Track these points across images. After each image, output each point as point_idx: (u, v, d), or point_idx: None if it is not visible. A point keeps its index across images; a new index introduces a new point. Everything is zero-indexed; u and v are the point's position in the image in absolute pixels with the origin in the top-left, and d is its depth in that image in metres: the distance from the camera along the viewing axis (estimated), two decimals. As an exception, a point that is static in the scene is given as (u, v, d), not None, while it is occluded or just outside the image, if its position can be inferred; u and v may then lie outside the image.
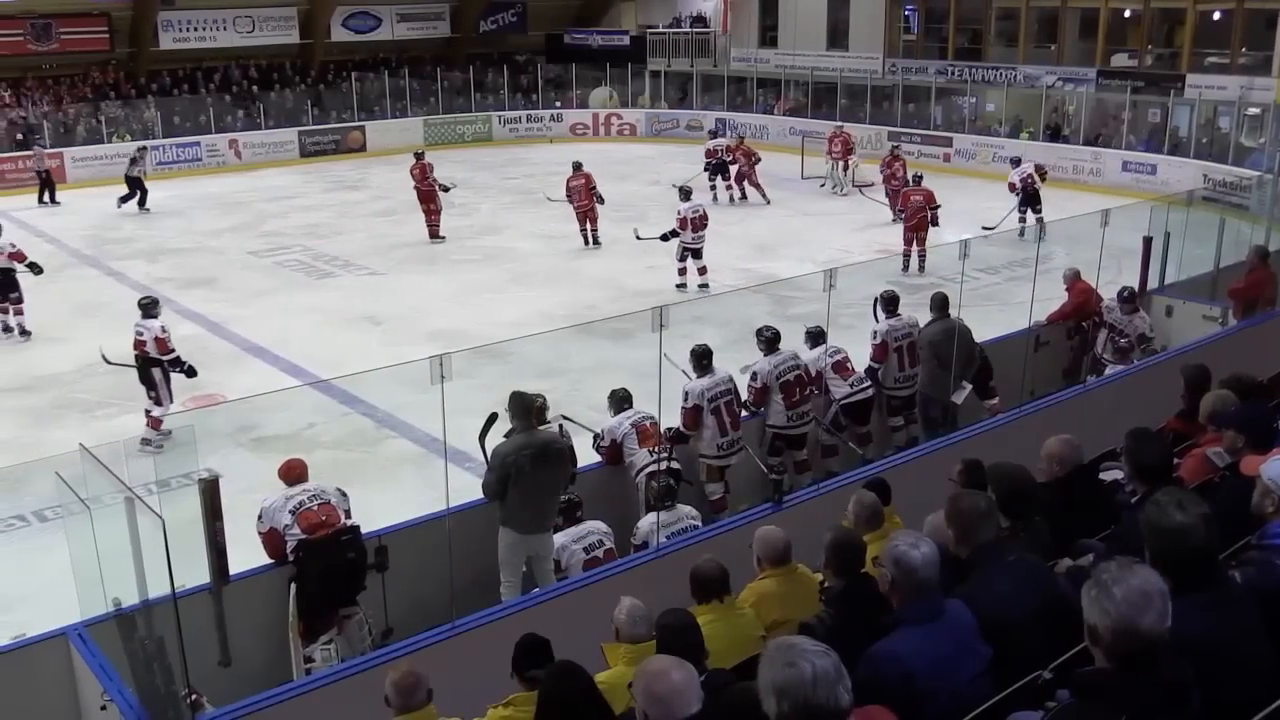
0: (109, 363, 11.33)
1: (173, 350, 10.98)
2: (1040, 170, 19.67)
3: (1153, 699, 2.63)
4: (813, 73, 29.92)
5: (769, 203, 22.58)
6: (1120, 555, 2.89)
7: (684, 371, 8.00)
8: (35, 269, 14.88)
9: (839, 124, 25.26)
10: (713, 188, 22.90)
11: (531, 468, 6.67)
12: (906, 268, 16.77)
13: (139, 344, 10.96)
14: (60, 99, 27.94)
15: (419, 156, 20.61)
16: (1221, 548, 3.45)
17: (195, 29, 30.13)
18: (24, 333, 14.67)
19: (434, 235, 19.83)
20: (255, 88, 30.50)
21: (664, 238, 16.50)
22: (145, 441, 10.41)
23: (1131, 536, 3.64)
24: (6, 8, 26.39)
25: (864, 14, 30.10)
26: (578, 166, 19.26)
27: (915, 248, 16.95)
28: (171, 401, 11.07)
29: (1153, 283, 11.30)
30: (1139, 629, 2.62)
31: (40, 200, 24.13)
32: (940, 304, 9.18)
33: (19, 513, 9.35)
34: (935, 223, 17.13)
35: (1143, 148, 23.91)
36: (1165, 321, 11.06)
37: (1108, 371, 9.71)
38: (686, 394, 8.06)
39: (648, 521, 6.82)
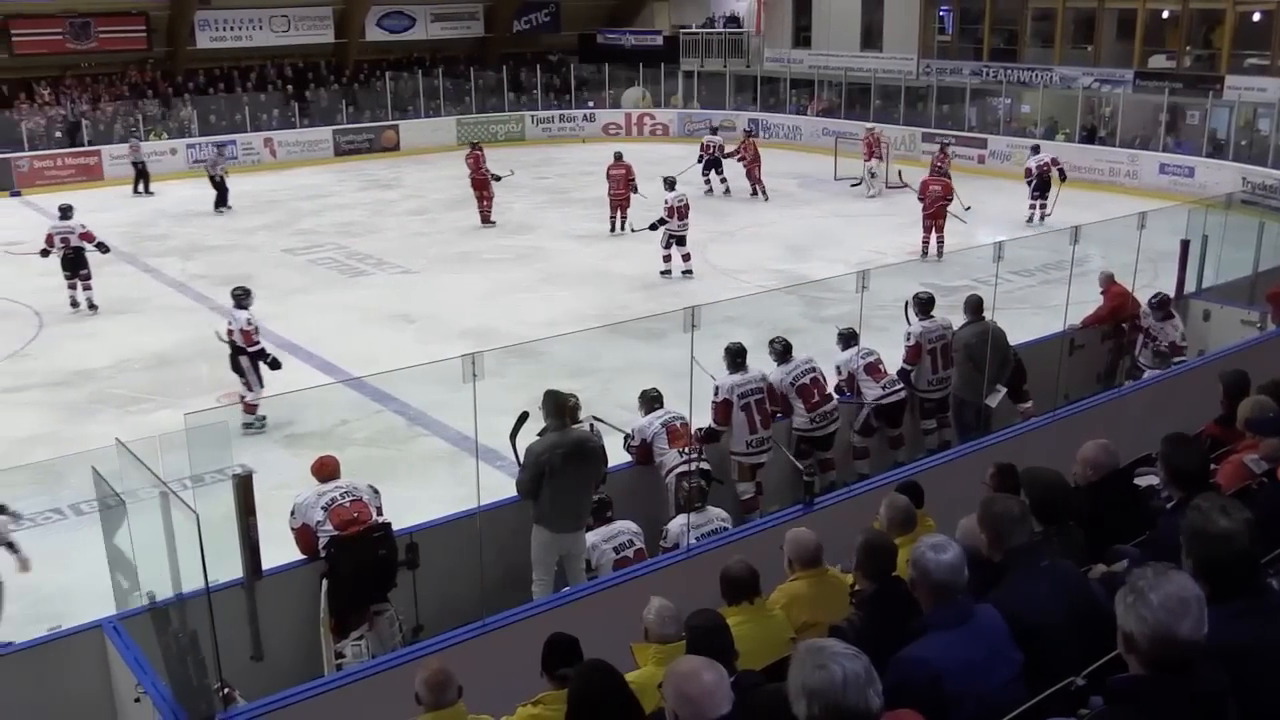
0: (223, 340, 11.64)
1: (257, 343, 11.30)
2: (1059, 167, 20.35)
3: (1188, 707, 2.60)
4: (846, 73, 29.80)
5: (767, 199, 22.93)
6: (1155, 561, 2.86)
7: (712, 376, 8.00)
8: (103, 248, 15.98)
9: (871, 125, 25.15)
10: (707, 181, 23.51)
11: (565, 466, 6.68)
12: (925, 254, 17.76)
13: (229, 333, 11.36)
14: (98, 97, 28.21)
15: (474, 146, 21.56)
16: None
17: (231, 28, 30.37)
18: (92, 306, 15.67)
19: (485, 220, 20.75)
20: (290, 87, 30.71)
21: (652, 226, 17.24)
22: (245, 425, 11.14)
23: (1167, 542, 3.60)
24: (46, 6, 26.69)
25: (898, 15, 29.95)
26: (619, 156, 20.41)
27: (934, 235, 17.88)
28: (262, 388, 11.33)
29: (1190, 286, 11.18)
30: (1176, 636, 2.59)
31: (135, 190, 24.97)
32: (975, 307, 9.13)
33: (56, 506, 9.45)
34: (961, 218, 18.11)
35: (1180, 150, 23.66)
36: (1203, 326, 10.96)
37: (1144, 376, 9.63)
38: (717, 388, 8.12)
39: (677, 524, 6.81)
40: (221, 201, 22.83)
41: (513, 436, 7.27)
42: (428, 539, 6.68)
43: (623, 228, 19.69)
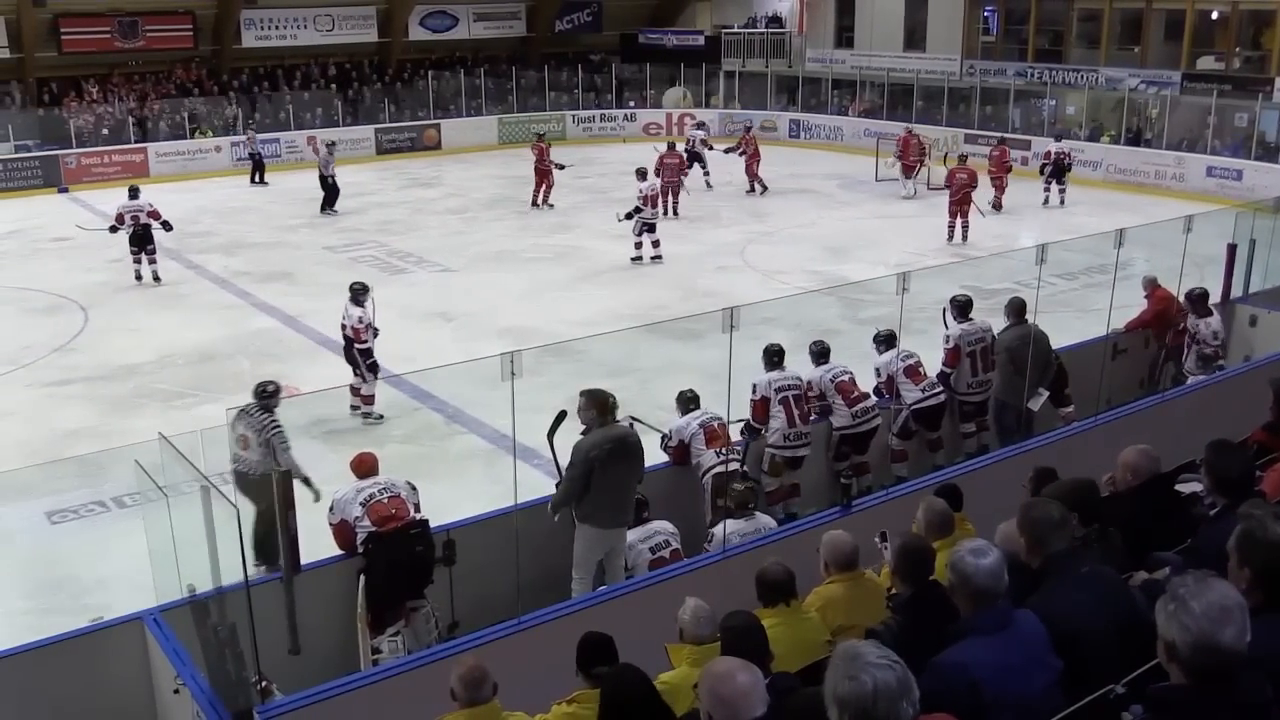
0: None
1: (365, 342, 11.48)
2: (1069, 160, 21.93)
3: (1230, 718, 2.56)
4: (889, 74, 29.64)
5: (763, 192, 23.50)
6: (1197, 569, 2.82)
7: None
8: (167, 226, 17.14)
9: (909, 126, 24.97)
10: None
11: (612, 461, 6.67)
12: (951, 238, 18.88)
13: (344, 327, 11.59)
14: (145, 95, 28.55)
15: (540, 137, 23.76)
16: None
17: (276, 27, 30.63)
18: (156, 279, 17.00)
19: (534, 203, 22.35)
20: (334, 85, 30.93)
21: (628, 215, 17.92)
22: (353, 408, 11.49)
23: (1209, 550, 3.55)
24: (94, 5, 27.03)
25: (942, 15, 29.74)
26: (671, 146, 21.71)
27: (959, 220, 18.91)
28: (374, 379, 11.52)
29: (1237, 291, 11.03)
30: (1219, 644, 2.55)
31: (253, 181, 25.80)
32: (1017, 309, 9.04)
33: (99, 499, 9.58)
34: (981, 209, 19.46)
35: (1228, 153, 23.34)
36: (1249, 331, 10.80)
37: (1189, 381, 9.50)
38: (754, 386, 8.17)
39: (721, 530, 6.79)
40: (330, 204, 22.39)
41: (550, 435, 7.29)
42: (464, 536, 6.71)
43: (675, 212, 20.94)
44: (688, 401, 8.06)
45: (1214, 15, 25.68)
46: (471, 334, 14.11)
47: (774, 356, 8.35)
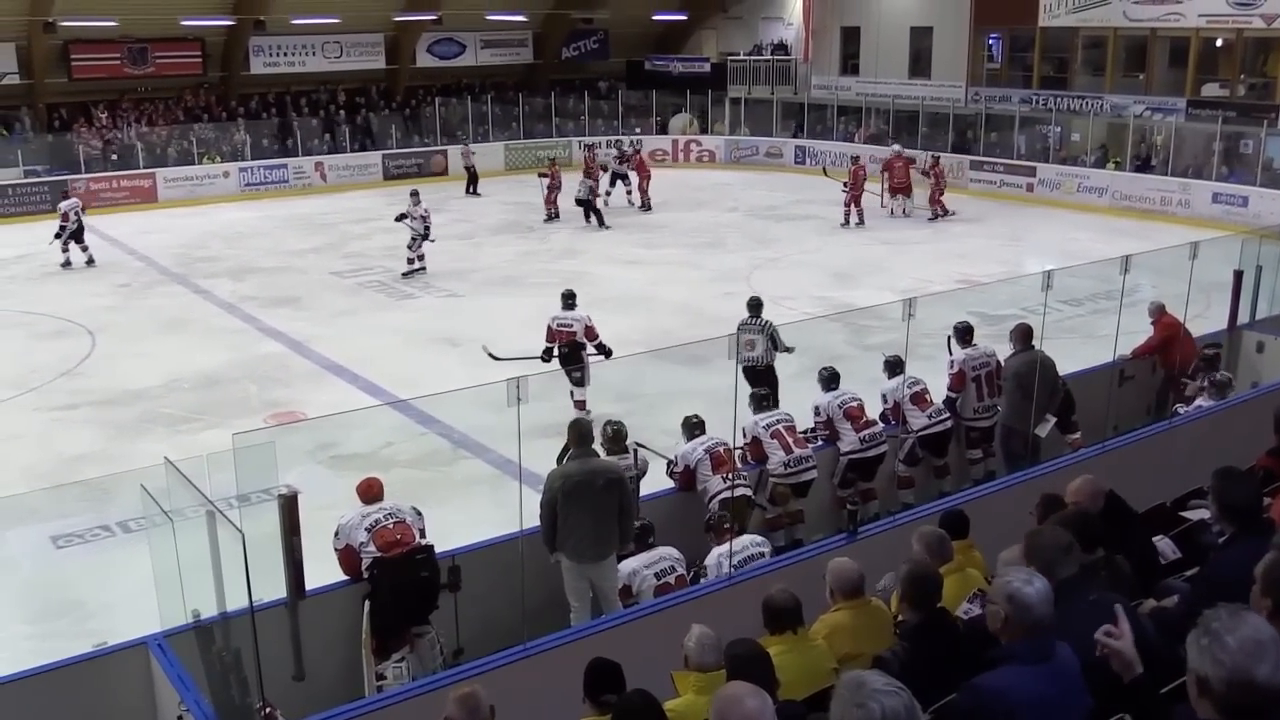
0: (496, 358, 12.03)
1: (598, 336, 11.98)
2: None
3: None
4: (894, 101, 29.75)
5: (646, 211, 24.71)
6: (1206, 597, 2.80)
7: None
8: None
9: (897, 148, 24.86)
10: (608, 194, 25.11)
11: (578, 495, 6.65)
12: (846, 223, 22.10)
13: (564, 334, 11.96)
14: (154, 121, 28.71)
15: (552, 162, 25.04)
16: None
17: (285, 54, 30.80)
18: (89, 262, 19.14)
19: (548, 216, 23.59)
20: (342, 112, 31.09)
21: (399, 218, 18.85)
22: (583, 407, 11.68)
23: (1219, 578, 3.54)
24: (105, 31, 27.19)
25: (947, 42, 29.86)
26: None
27: (854, 207, 22.27)
28: (589, 383, 11.73)
29: (1243, 318, 11.02)
30: (1254, 680, 2.48)
31: (467, 192, 27.42)
32: (1024, 335, 9.03)
33: (105, 523, 9.57)
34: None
35: (1234, 179, 23.35)
36: (1256, 358, 10.79)
37: (1195, 405, 9.46)
38: (744, 431, 8.19)
39: (714, 555, 6.78)
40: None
41: (560, 460, 7.27)
42: (470, 562, 6.70)
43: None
44: (693, 427, 8.06)
45: (1218, 42, 25.75)
46: (478, 359, 14.09)
47: (762, 401, 8.43)
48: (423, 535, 6.66)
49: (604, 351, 11.94)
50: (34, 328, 16.16)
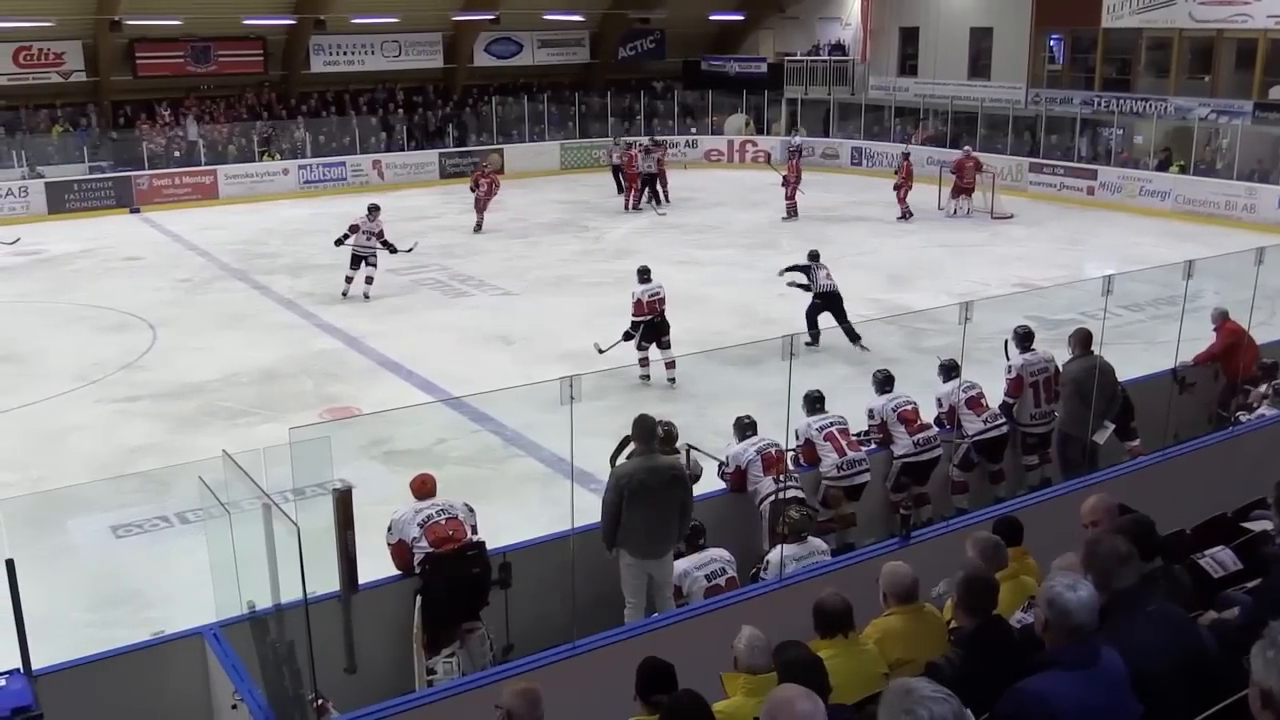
0: (602, 351, 12.95)
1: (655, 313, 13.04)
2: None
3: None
4: (952, 102, 29.46)
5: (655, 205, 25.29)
6: (1270, 609, 2.74)
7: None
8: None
9: (967, 148, 24.89)
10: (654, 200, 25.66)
11: (645, 491, 6.66)
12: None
13: (655, 303, 13.01)
14: (216, 119, 29.13)
15: (628, 146, 26.12)
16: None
17: (344, 53, 31.13)
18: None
19: (633, 207, 24.71)
20: (400, 110, 31.36)
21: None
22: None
23: (1282, 590, 3.46)
24: (169, 30, 27.63)
25: (1007, 43, 29.51)
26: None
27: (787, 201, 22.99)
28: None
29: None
30: None
31: (619, 191, 27.19)
32: (1083, 341, 8.89)
33: (163, 514, 9.72)
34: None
35: (1302, 184, 22.90)
36: (1321, 367, 10.53)
37: (1257, 414, 9.27)
38: (797, 433, 8.15)
39: (778, 554, 6.74)
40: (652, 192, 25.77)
41: (613, 459, 7.29)
42: (521, 559, 6.71)
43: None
44: (745, 428, 8.03)
45: (1287, 44, 25.26)
46: (531, 357, 14.17)
47: (815, 403, 8.34)
48: (474, 532, 6.70)
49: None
50: (97, 321, 16.46)
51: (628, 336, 12.99)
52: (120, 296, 17.69)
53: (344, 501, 5.77)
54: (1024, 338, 9.24)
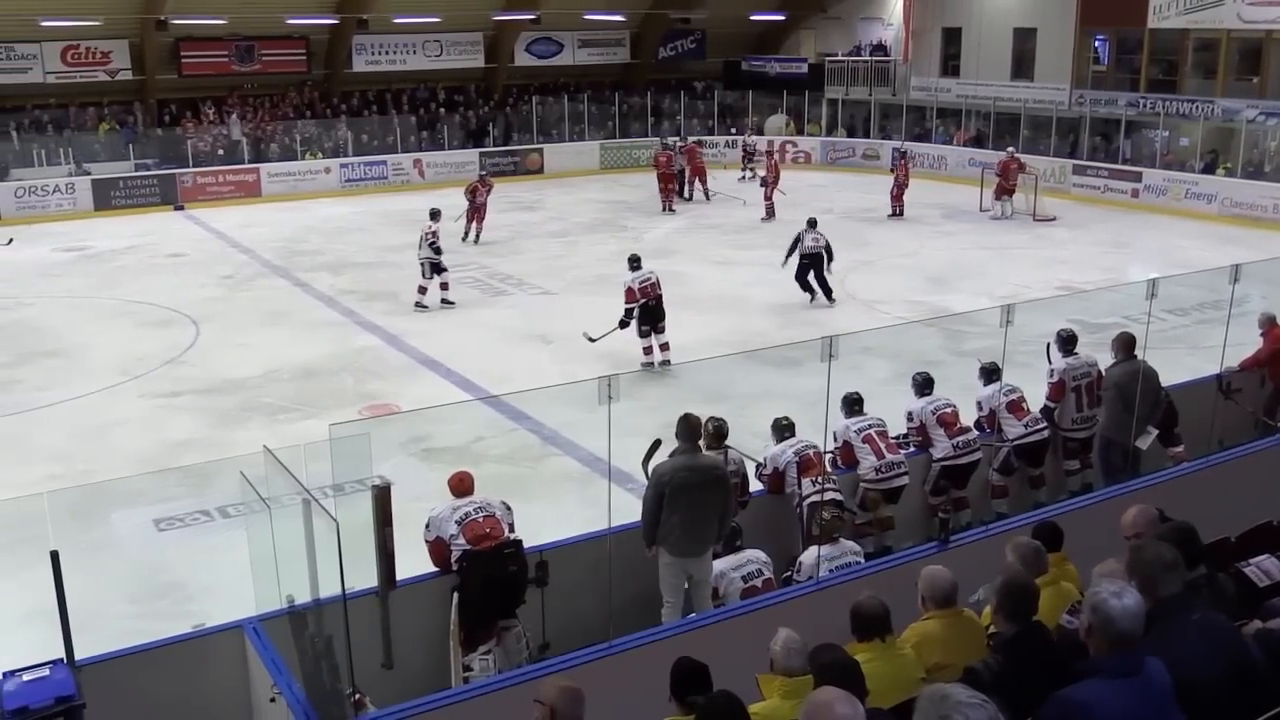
0: (593, 340, 13.70)
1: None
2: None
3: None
4: (995, 103, 29.23)
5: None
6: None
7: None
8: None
9: (1010, 149, 24.77)
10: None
11: (686, 490, 6.66)
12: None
13: (648, 289, 13.66)
14: (259, 117, 29.40)
15: (666, 146, 26.20)
16: None
17: (386, 52, 31.33)
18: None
19: (667, 209, 24.62)
20: (441, 110, 31.51)
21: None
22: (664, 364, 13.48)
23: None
24: (214, 29, 27.93)
25: (1051, 44, 29.23)
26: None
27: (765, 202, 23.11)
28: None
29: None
30: None
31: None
32: (1126, 345, 8.79)
33: (205, 508, 9.82)
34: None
35: (1351, 187, 22.51)
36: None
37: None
38: (835, 435, 8.14)
39: (811, 556, 6.72)
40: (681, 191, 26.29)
41: (645, 462, 7.29)
42: (558, 557, 6.72)
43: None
44: (783, 429, 8.00)
45: (1338, 45, 24.86)
46: (569, 356, 14.19)
47: (853, 405, 8.28)
48: (512, 530, 6.71)
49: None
50: (141, 316, 16.66)
51: (622, 325, 13.54)
52: (164, 292, 17.90)
53: (383, 498, 5.80)
54: (1066, 341, 9.14)
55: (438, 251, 17.02)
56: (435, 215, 17.55)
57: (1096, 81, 28.92)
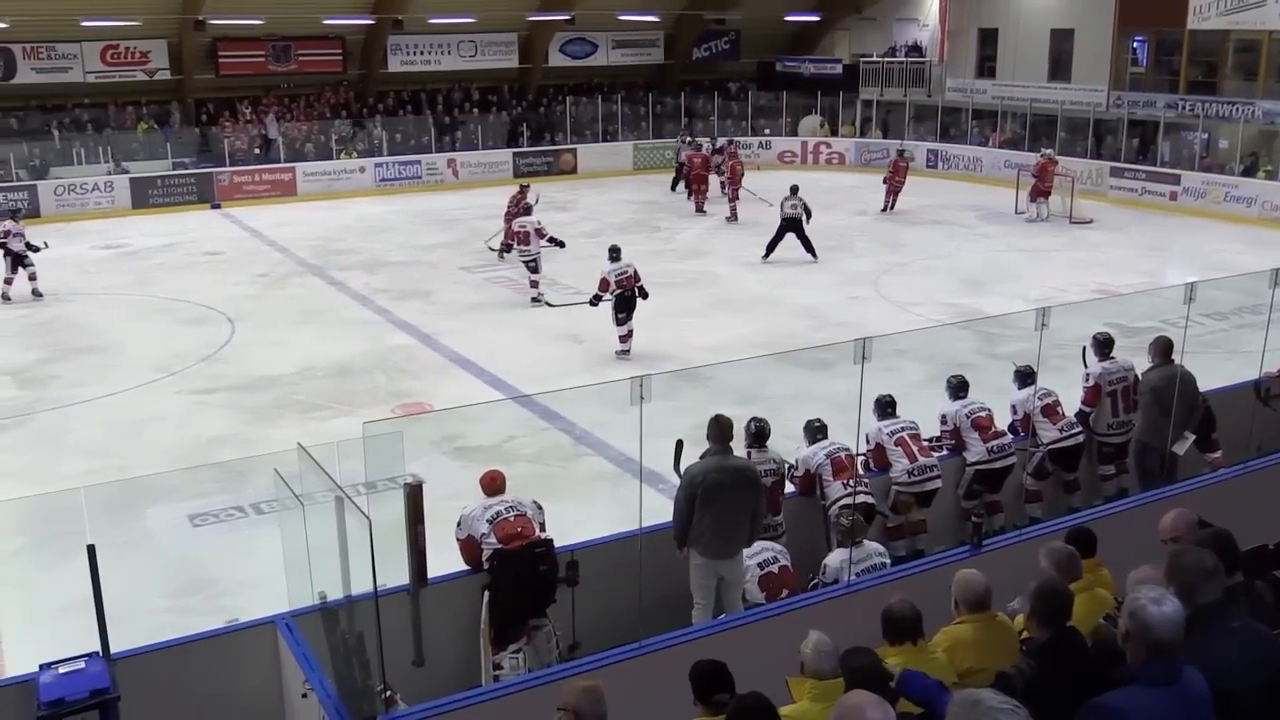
0: (552, 305, 15.53)
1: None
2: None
3: None
4: (1031, 104, 29.01)
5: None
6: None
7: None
8: (33, 248, 17.65)
9: (1044, 150, 24.58)
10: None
11: (717, 491, 6.65)
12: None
13: (625, 280, 14.30)
14: (295, 117, 29.61)
15: (698, 148, 26.18)
16: None
17: (421, 53, 31.46)
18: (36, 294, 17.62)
19: (699, 209, 24.74)
20: (475, 110, 31.62)
21: (502, 251, 19.49)
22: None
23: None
24: (251, 29, 28.15)
25: (1089, 45, 28.98)
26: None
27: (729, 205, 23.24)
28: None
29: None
30: None
31: (673, 188, 27.88)
32: (1164, 349, 8.69)
33: (239, 504, 9.89)
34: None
35: (1395, 191, 22.19)
36: None
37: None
38: (867, 437, 8.08)
39: (837, 559, 6.69)
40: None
41: (676, 466, 7.28)
42: (588, 557, 6.73)
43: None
44: (815, 431, 7.98)
45: (1383, 47, 24.52)
46: (601, 357, 14.21)
47: (886, 408, 8.23)
48: (543, 529, 6.73)
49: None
50: (178, 314, 16.81)
51: (593, 303, 14.55)
52: (200, 290, 18.06)
53: (415, 496, 5.82)
54: (1103, 344, 9.05)
55: (558, 243, 17.77)
56: (525, 188, 19.25)
57: (1135, 83, 28.64)
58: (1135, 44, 29.10)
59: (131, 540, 9.14)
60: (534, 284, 17.26)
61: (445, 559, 6.59)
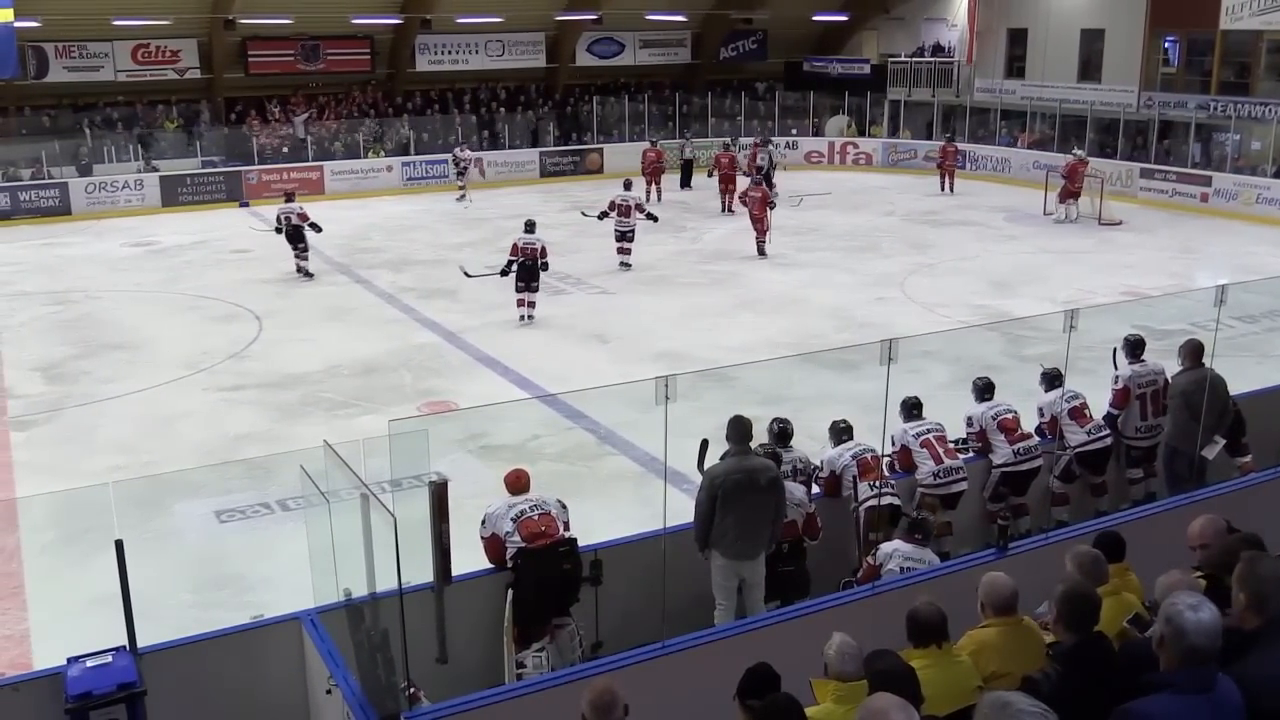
0: (470, 275, 16.34)
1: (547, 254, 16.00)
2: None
3: None
4: (1060, 105, 28.81)
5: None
6: None
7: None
8: (316, 228, 19.03)
9: (1076, 151, 24.43)
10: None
11: (741, 491, 6.63)
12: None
13: (528, 250, 15.85)
14: (324, 116, 29.76)
15: (726, 148, 26.50)
16: None
17: (449, 52, 31.55)
18: (308, 275, 18.98)
19: (726, 209, 24.83)
20: (502, 109, 31.69)
21: (600, 216, 19.94)
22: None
23: None
24: (280, 29, 28.31)
25: (1120, 45, 28.75)
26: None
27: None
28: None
29: None
30: None
31: (682, 186, 28.60)
32: (1194, 352, 8.61)
33: (265, 501, 9.95)
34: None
35: None
36: None
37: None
38: (893, 438, 8.04)
39: (886, 548, 6.66)
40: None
41: (700, 466, 7.27)
42: (612, 557, 6.73)
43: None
44: (841, 432, 7.95)
45: None
46: (627, 356, 14.21)
47: (912, 409, 8.20)
48: (567, 528, 6.73)
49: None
50: (206, 311, 16.93)
51: (502, 273, 15.99)
52: (229, 288, 18.18)
53: (440, 494, 5.83)
54: (1134, 347, 8.97)
55: (653, 218, 19.58)
56: (628, 185, 20.31)
57: (1166, 84, 28.38)
58: (1166, 44, 28.86)
59: (159, 536, 9.22)
60: (623, 250, 19.34)
61: (469, 557, 6.60)
